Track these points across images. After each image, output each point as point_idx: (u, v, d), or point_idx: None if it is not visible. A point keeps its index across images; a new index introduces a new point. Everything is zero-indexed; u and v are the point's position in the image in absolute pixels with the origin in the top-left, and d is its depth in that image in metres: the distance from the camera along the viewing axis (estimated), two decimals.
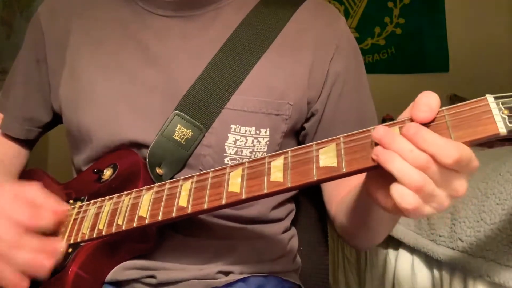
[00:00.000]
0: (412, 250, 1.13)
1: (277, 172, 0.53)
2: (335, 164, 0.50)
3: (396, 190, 0.46)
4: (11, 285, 0.58)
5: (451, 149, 0.44)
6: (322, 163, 0.51)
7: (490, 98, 0.46)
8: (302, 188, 0.52)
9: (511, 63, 2.56)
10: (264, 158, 0.55)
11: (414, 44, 2.69)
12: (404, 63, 2.70)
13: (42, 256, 0.59)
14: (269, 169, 0.54)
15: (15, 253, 0.58)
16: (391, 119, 2.31)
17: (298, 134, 0.80)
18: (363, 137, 0.50)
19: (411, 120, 0.48)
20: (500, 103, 0.45)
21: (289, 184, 0.52)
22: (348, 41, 0.79)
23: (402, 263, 1.16)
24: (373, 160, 0.48)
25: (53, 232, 0.64)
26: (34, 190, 0.62)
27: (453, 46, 2.65)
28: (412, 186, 0.45)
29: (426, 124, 0.47)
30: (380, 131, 0.48)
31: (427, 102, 0.47)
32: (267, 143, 0.73)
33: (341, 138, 0.51)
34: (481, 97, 0.46)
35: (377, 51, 2.72)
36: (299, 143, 0.82)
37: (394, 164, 0.46)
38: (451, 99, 2.63)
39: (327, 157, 0.50)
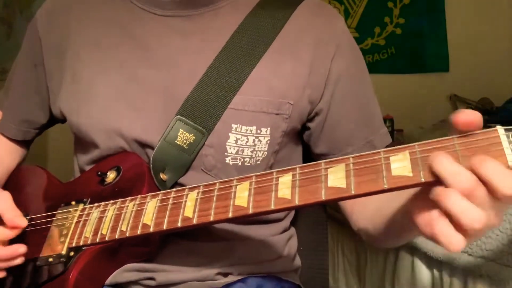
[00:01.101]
0: (412, 250, 1.13)
1: (285, 189, 0.52)
2: (344, 185, 0.49)
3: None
4: None
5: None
6: (330, 183, 0.50)
7: (500, 130, 0.45)
8: (309, 206, 0.52)
9: (511, 63, 2.56)
10: (271, 173, 0.55)
11: (414, 44, 2.68)
12: (404, 63, 2.69)
13: None
14: (276, 185, 0.53)
15: None
16: (391, 119, 2.31)
17: (300, 134, 0.80)
18: (373, 159, 0.49)
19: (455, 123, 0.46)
20: (510, 135, 0.45)
21: (297, 202, 0.51)
22: (348, 41, 0.79)
23: (402, 263, 1.16)
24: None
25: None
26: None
27: (453, 46, 2.64)
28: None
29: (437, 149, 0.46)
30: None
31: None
32: (268, 142, 0.73)
33: (350, 159, 0.51)
34: (492, 128, 0.46)
35: (377, 51, 2.72)
36: (302, 143, 0.82)
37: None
38: (451, 99, 2.63)
39: (335, 177, 0.50)
